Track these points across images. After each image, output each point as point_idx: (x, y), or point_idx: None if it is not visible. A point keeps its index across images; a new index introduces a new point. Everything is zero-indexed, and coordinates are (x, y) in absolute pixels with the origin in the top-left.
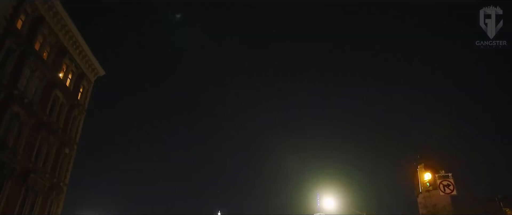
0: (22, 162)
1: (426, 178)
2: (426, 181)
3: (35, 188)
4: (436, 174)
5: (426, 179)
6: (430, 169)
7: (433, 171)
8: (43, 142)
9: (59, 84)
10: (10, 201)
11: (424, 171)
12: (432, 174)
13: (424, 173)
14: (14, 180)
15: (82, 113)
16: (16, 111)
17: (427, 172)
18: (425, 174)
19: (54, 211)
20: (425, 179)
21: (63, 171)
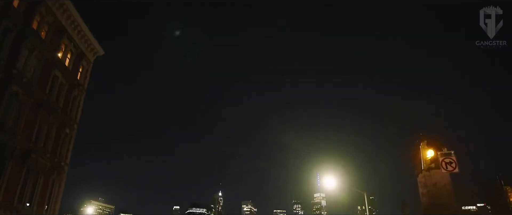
0: (23, 142)
1: (428, 155)
2: (429, 158)
3: (36, 168)
4: (438, 151)
5: (429, 156)
6: (433, 146)
7: (435, 148)
8: (43, 122)
9: (58, 64)
10: (12, 181)
11: (427, 148)
12: (435, 152)
13: (426, 151)
14: (15, 160)
15: (82, 92)
16: (15, 90)
17: (430, 149)
18: (428, 151)
19: (56, 190)
20: (428, 156)
21: (63, 151)
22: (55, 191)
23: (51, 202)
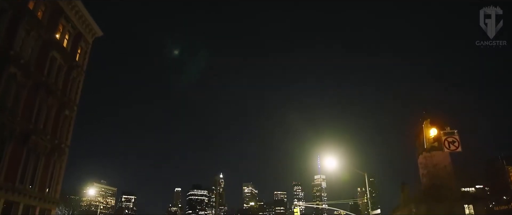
0: (22, 124)
1: (431, 133)
2: (432, 137)
3: (36, 150)
4: (441, 130)
5: (432, 134)
6: (436, 124)
7: (439, 127)
8: (42, 103)
9: (56, 45)
10: (13, 163)
11: (430, 126)
12: (438, 130)
13: (430, 129)
14: (15, 141)
15: (80, 74)
16: (12, 71)
17: (433, 128)
18: (431, 129)
19: (57, 172)
20: (431, 134)
21: (64, 132)
22: (56, 172)
23: (52, 183)
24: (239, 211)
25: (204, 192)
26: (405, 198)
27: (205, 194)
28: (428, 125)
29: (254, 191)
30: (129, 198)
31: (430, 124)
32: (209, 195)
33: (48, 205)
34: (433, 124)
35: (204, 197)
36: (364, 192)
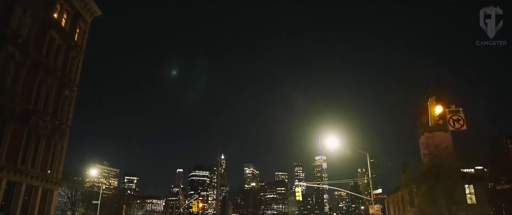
0: (22, 104)
1: (437, 111)
2: (437, 114)
3: (37, 130)
4: (446, 108)
5: (437, 112)
6: (442, 102)
7: (444, 104)
8: (42, 83)
9: (54, 25)
10: (14, 143)
11: (435, 104)
12: (443, 108)
13: (435, 106)
14: (15, 122)
15: (80, 54)
16: (10, 51)
17: (438, 105)
18: (436, 107)
19: (58, 152)
20: (436, 112)
21: (64, 113)
22: (57, 153)
23: (54, 164)
24: (241, 191)
25: (205, 173)
26: (406, 178)
27: (207, 175)
28: (433, 102)
29: (255, 172)
30: (131, 179)
31: (436, 101)
32: (211, 176)
33: (50, 185)
34: (439, 101)
35: (205, 178)
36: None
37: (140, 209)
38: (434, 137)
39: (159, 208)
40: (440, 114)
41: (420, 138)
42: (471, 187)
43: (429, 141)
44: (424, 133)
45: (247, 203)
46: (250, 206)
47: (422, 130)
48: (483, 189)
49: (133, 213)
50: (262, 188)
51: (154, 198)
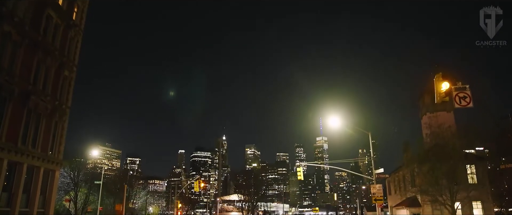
0: (21, 84)
1: (443, 87)
2: (443, 91)
3: (37, 111)
4: (453, 85)
5: (443, 88)
6: (448, 78)
7: (450, 81)
8: (40, 63)
9: (51, 3)
10: (14, 124)
11: (442, 80)
12: (450, 84)
13: (441, 83)
14: (14, 102)
15: (78, 34)
16: (7, 29)
17: (445, 82)
18: (443, 83)
19: (59, 133)
20: (443, 88)
21: (64, 93)
22: (58, 133)
23: (55, 144)
24: (242, 172)
25: (207, 154)
26: (407, 157)
27: (208, 155)
28: (439, 78)
29: (256, 153)
30: (134, 160)
31: (442, 78)
32: (212, 156)
33: (52, 165)
34: (445, 78)
35: (207, 158)
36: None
37: (142, 190)
38: (437, 117)
39: (161, 188)
40: (446, 90)
41: (422, 118)
42: (472, 167)
43: (432, 121)
44: (426, 113)
45: (248, 184)
46: (252, 187)
47: (424, 110)
48: (484, 169)
49: (135, 193)
50: (263, 169)
51: (156, 179)
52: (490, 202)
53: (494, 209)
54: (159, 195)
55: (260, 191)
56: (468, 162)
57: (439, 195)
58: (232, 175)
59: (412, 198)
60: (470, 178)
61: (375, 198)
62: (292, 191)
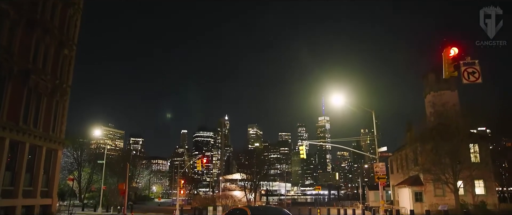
0: (20, 63)
1: (452, 53)
2: (451, 56)
3: (37, 90)
4: (461, 60)
5: (452, 54)
6: (457, 52)
7: (459, 56)
8: (39, 42)
9: None
10: (14, 103)
11: (450, 54)
12: (459, 51)
13: (449, 57)
14: (14, 81)
15: (77, 12)
16: (4, 7)
17: (454, 47)
18: (452, 49)
19: (60, 112)
20: (451, 54)
21: (64, 72)
22: (59, 112)
23: (56, 124)
24: (244, 151)
25: (210, 134)
26: (411, 137)
27: (211, 135)
28: (448, 51)
29: (259, 132)
30: (137, 140)
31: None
32: (215, 136)
33: (54, 145)
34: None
35: (210, 138)
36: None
37: (145, 169)
38: (441, 96)
39: (165, 168)
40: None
41: (426, 97)
42: (476, 146)
43: (436, 100)
44: (430, 92)
45: (250, 163)
46: (254, 166)
47: (428, 89)
48: (487, 148)
49: (139, 173)
50: (265, 148)
51: (159, 159)
52: (492, 180)
53: (496, 188)
54: (162, 175)
55: (262, 170)
56: (472, 141)
57: (442, 174)
58: (235, 154)
59: (414, 176)
60: (473, 157)
61: (378, 176)
62: (294, 171)
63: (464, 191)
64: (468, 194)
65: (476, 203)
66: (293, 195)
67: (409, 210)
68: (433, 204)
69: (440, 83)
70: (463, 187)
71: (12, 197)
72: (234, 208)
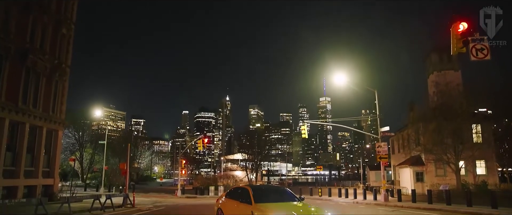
0: (17, 42)
1: (461, 28)
2: (460, 31)
3: (36, 70)
4: (469, 37)
5: (461, 29)
6: (466, 27)
7: (468, 31)
8: (36, 21)
9: None
10: (13, 84)
11: (459, 29)
12: (468, 26)
13: (458, 32)
14: (12, 61)
15: None
16: None
17: (463, 22)
18: (461, 24)
19: (59, 92)
20: (460, 29)
21: (63, 52)
22: (59, 92)
23: (56, 104)
24: (246, 132)
25: (211, 115)
26: (413, 117)
27: (212, 116)
28: (457, 27)
29: (260, 113)
30: (138, 121)
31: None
32: (216, 117)
33: (54, 125)
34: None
35: (211, 119)
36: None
37: (147, 150)
38: (445, 75)
39: (166, 149)
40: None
41: (429, 76)
42: (478, 126)
43: (440, 79)
44: (433, 72)
45: (252, 144)
46: (255, 146)
47: (431, 69)
48: (490, 128)
49: (140, 153)
50: (266, 129)
51: (161, 140)
52: (494, 161)
53: (497, 169)
54: (164, 155)
55: (263, 150)
56: (475, 121)
57: (444, 154)
58: (236, 135)
59: (416, 157)
60: (476, 137)
61: (380, 156)
62: (295, 151)
63: (466, 171)
64: (469, 174)
65: (477, 183)
66: (294, 175)
67: (410, 190)
68: (434, 184)
69: (444, 63)
70: (464, 167)
71: (14, 177)
72: (235, 187)
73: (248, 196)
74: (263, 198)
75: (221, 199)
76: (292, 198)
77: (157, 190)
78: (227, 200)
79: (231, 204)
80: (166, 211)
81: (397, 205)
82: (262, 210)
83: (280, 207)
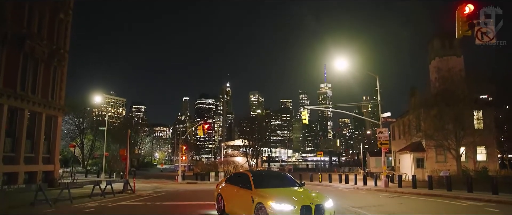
0: (14, 27)
1: (466, 10)
2: (466, 14)
3: (34, 55)
4: (475, 20)
5: (467, 11)
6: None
7: (473, 14)
8: (33, 6)
9: None
10: (11, 69)
11: (464, 11)
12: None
13: (463, 14)
14: (9, 46)
15: None
16: None
17: (469, 4)
18: (467, 6)
19: (58, 78)
20: (466, 11)
21: (61, 37)
22: (57, 78)
23: (55, 90)
24: (246, 118)
25: (211, 101)
26: (414, 102)
27: (213, 102)
28: (463, 8)
29: (260, 99)
30: (139, 107)
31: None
32: (217, 103)
33: (54, 111)
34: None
35: (211, 105)
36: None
37: (148, 136)
38: (447, 61)
39: (167, 135)
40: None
41: (431, 62)
42: (480, 112)
43: (442, 65)
44: (435, 57)
45: (252, 130)
46: (256, 133)
47: (433, 54)
48: (492, 114)
49: (141, 140)
50: (267, 115)
51: (161, 126)
52: (494, 147)
53: (498, 155)
54: (164, 142)
55: (264, 137)
56: (477, 107)
57: (445, 140)
58: (237, 121)
59: (416, 143)
60: (477, 123)
61: (381, 142)
62: (295, 137)
63: (466, 157)
64: (469, 160)
65: (477, 169)
66: (295, 161)
67: (410, 176)
68: (434, 170)
69: (446, 48)
70: (465, 154)
71: (14, 163)
72: (235, 172)
73: (248, 182)
74: (263, 183)
75: (221, 185)
76: (292, 184)
77: (157, 176)
78: (227, 185)
79: (231, 190)
80: (166, 197)
81: (398, 191)
82: (262, 195)
83: (280, 192)
